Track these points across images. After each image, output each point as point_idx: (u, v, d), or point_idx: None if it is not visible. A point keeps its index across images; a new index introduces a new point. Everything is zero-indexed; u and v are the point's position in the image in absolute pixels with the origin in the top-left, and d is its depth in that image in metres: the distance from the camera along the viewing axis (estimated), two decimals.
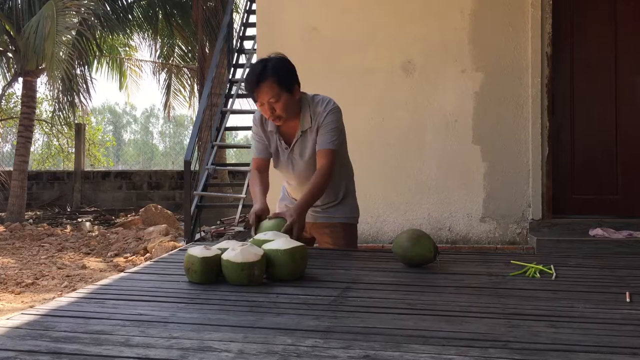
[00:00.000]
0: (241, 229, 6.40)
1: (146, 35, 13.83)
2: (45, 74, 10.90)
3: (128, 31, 13.16)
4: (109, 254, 7.21)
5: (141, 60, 15.20)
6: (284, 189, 2.74)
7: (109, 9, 12.02)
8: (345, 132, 2.55)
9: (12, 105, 16.40)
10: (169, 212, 9.90)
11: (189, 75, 14.63)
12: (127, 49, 15.25)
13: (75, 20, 10.93)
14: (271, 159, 2.54)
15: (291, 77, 2.33)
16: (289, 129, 2.44)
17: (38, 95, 11.58)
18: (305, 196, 2.34)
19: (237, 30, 8.68)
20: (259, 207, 2.32)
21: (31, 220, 10.79)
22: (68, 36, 10.48)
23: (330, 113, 2.40)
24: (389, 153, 4.87)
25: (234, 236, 6.03)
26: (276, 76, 2.26)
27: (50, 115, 12.51)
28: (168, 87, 14.49)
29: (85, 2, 11.00)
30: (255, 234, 2.18)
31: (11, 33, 11.42)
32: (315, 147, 2.41)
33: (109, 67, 14.41)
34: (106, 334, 1.22)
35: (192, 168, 6.54)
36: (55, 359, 1.08)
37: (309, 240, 2.57)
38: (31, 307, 4.17)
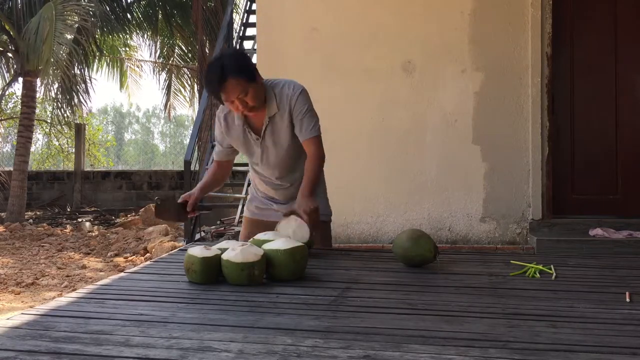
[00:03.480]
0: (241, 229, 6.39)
1: (146, 35, 13.83)
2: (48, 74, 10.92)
3: (128, 31, 13.16)
4: (109, 254, 7.20)
5: (141, 60, 15.22)
6: (252, 190, 2.68)
7: (108, 9, 12.02)
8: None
9: (12, 105, 16.40)
10: None
11: (189, 75, 14.63)
12: (127, 49, 15.25)
13: (75, 20, 10.93)
14: (239, 155, 2.55)
15: (251, 67, 2.28)
16: (256, 119, 2.39)
17: (38, 95, 11.58)
18: (305, 185, 2.30)
19: (237, 30, 8.69)
20: (187, 193, 2.44)
21: (31, 220, 10.79)
22: (67, 36, 10.49)
23: (301, 97, 2.35)
24: (389, 153, 4.87)
25: (234, 236, 6.03)
26: (237, 71, 2.20)
27: (50, 115, 12.51)
28: (168, 87, 14.50)
29: (85, 3, 11.00)
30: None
31: (11, 33, 11.41)
32: (287, 132, 2.37)
33: (109, 67, 14.41)
34: (106, 334, 1.22)
35: (192, 168, 6.54)
36: (55, 359, 1.08)
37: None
38: (31, 307, 4.17)
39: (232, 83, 2.20)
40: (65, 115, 11.57)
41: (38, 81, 10.82)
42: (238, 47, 8.37)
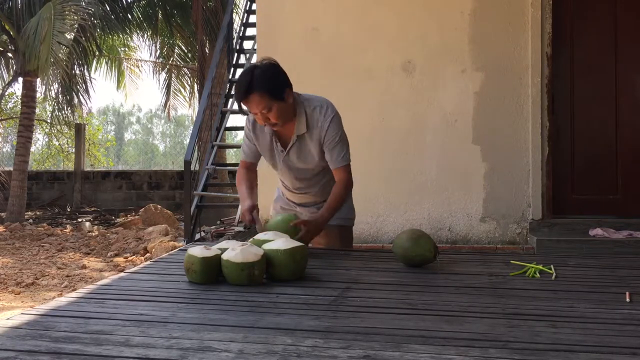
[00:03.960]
0: (241, 229, 6.40)
1: (146, 35, 13.83)
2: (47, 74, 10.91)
3: (128, 31, 13.15)
4: (109, 254, 7.20)
5: (141, 60, 15.21)
6: (278, 190, 2.71)
7: (108, 8, 12.01)
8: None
9: (12, 105, 16.40)
10: (169, 212, 9.90)
11: (189, 75, 14.62)
12: (126, 49, 15.24)
13: (74, 19, 10.93)
14: (263, 159, 2.54)
15: (281, 85, 2.24)
16: (286, 131, 2.39)
17: (38, 95, 11.57)
18: (325, 210, 2.33)
19: (237, 30, 8.68)
20: (249, 205, 2.33)
21: (31, 220, 10.78)
22: (67, 36, 10.48)
23: (333, 123, 2.34)
24: (389, 153, 4.87)
25: (234, 236, 6.03)
26: (264, 88, 2.18)
27: (50, 115, 12.51)
28: (168, 87, 14.49)
29: (84, 4, 11.00)
30: (260, 229, 2.20)
31: (11, 33, 11.41)
32: (313, 154, 2.39)
33: (108, 67, 14.40)
34: (106, 334, 1.22)
35: (192, 168, 6.54)
36: (55, 359, 1.08)
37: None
38: (31, 307, 4.17)
39: (257, 98, 2.19)
40: (64, 115, 11.56)
41: (38, 81, 10.80)
42: (238, 46, 8.36)
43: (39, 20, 9.67)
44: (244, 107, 2.27)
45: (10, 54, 12.24)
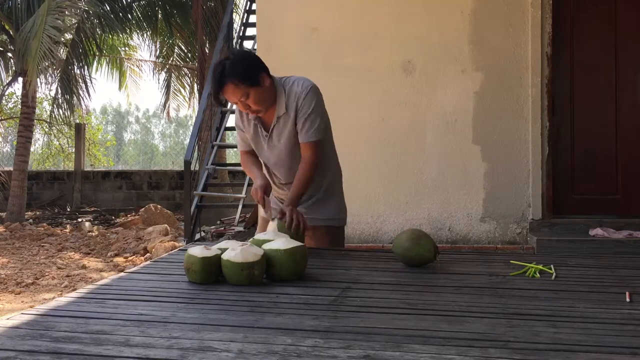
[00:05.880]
0: (241, 229, 6.40)
1: (146, 35, 13.83)
2: (45, 73, 10.89)
3: (128, 31, 13.15)
4: (109, 254, 7.21)
5: (141, 60, 15.21)
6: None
7: (108, 8, 12.01)
8: (329, 117, 2.44)
9: (12, 105, 16.40)
10: (169, 212, 9.90)
11: (189, 75, 14.62)
12: (126, 49, 15.24)
13: (74, 20, 10.92)
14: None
15: (254, 71, 2.22)
16: (268, 115, 2.36)
17: (38, 95, 11.56)
18: (292, 192, 2.30)
19: (237, 30, 8.69)
20: (261, 183, 2.30)
21: (31, 220, 10.79)
22: (65, 35, 10.46)
23: (308, 96, 2.29)
24: (389, 153, 4.87)
25: (234, 236, 6.03)
26: (236, 75, 2.17)
27: (49, 114, 12.50)
28: (168, 87, 14.49)
29: (82, 4, 10.98)
30: (265, 209, 2.22)
31: (11, 33, 11.42)
32: (293, 132, 2.33)
33: (109, 67, 14.40)
34: (106, 334, 1.22)
35: (192, 168, 6.54)
36: (55, 359, 1.08)
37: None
38: (31, 307, 4.18)
39: (231, 87, 2.19)
40: (63, 115, 11.55)
41: (37, 81, 10.77)
42: (238, 46, 8.36)
43: (35, 19, 9.66)
44: (221, 98, 2.27)
45: (10, 54, 12.23)
